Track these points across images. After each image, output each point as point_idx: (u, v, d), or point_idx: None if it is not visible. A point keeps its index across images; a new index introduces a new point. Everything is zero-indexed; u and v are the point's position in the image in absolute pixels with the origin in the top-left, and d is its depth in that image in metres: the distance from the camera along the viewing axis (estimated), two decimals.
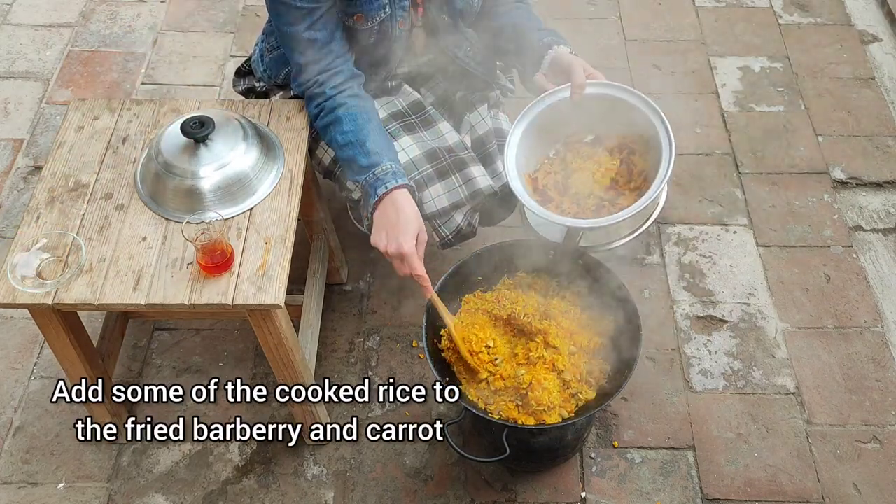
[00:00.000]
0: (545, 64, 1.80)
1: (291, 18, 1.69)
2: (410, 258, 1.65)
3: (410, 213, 1.67)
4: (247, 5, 3.10)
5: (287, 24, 1.71)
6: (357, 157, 1.72)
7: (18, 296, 1.54)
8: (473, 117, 1.96)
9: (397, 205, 1.67)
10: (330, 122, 1.75)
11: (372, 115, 1.78)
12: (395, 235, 1.65)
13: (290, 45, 1.75)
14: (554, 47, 1.79)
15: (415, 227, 1.67)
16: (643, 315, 1.73)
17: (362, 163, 1.71)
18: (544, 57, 1.79)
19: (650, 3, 3.09)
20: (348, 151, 1.73)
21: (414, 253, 1.66)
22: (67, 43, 2.95)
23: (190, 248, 1.59)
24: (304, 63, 1.75)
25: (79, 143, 1.79)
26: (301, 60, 1.75)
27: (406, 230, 1.65)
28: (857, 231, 2.40)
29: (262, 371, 2.13)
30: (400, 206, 1.67)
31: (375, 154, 1.71)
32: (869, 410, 2.04)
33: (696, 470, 1.95)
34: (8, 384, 2.11)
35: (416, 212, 1.69)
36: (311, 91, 1.77)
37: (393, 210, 1.67)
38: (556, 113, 1.79)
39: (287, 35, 1.73)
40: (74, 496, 1.93)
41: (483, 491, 1.92)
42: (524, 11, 1.92)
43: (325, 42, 1.73)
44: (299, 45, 1.73)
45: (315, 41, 1.72)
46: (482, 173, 1.84)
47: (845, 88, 2.77)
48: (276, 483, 1.94)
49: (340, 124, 1.74)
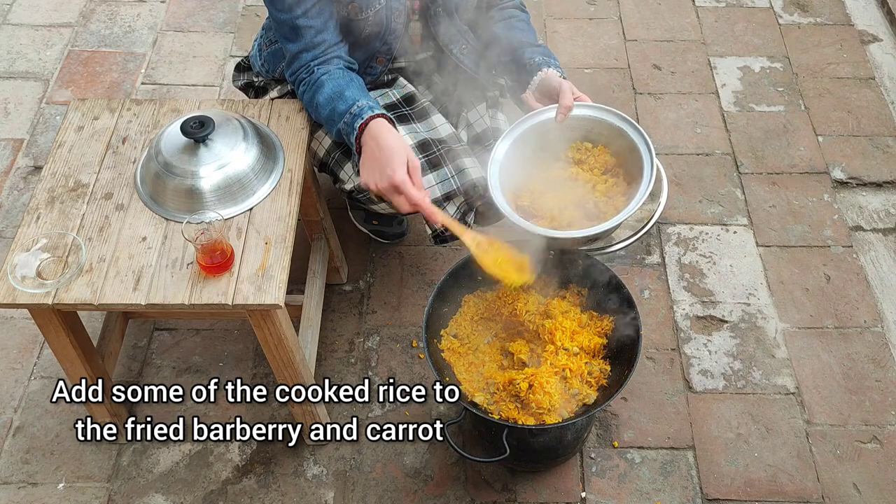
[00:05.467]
0: (534, 84, 1.79)
1: (286, 5, 1.69)
2: (404, 186, 1.57)
3: (393, 142, 1.60)
4: (247, 5, 3.10)
5: (281, 10, 1.70)
6: (336, 106, 1.69)
7: (18, 296, 1.54)
8: (472, 115, 1.97)
9: (377, 138, 1.61)
10: (314, 90, 1.73)
11: (354, 77, 1.76)
12: (382, 169, 1.59)
13: (284, 33, 1.74)
14: (544, 69, 1.78)
15: (401, 156, 1.59)
16: (643, 315, 1.73)
17: (340, 108, 1.68)
18: (533, 77, 1.79)
19: (650, 3, 3.09)
20: (328, 107, 1.70)
21: (406, 180, 1.57)
22: (67, 43, 2.95)
23: (190, 248, 1.59)
24: (297, 51, 1.74)
25: (79, 143, 1.79)
26: (294, 49, 1.74)
27: (391, 160, 1.58)
28: (857, 231, 2.40)
29: (262, 371, 2.13)
30: (381, 138, 1.61)
31: (351, 98, 1.68)
32: (869, 410, 2.04)
33: (696, 470, 1.95)
34: (8, 384, 2.11)
35: (398, 139, 1.62)
36: (300, 76, 1.77)
37: (374, 144, 1.61)
38: (542, 132, 1.78)
39: (281, 22, 1.72)
40: (74, 496, 1.93)
41: (483, 491, 1.92)
42: (521, 22, 1.91)
43: (319, 30, 1.72)
44: (293, 32, 1.72)
45: (310, 28, 1.71)
46: (474, 164, 1.83)
47: (845, 88, 2.77)
48: (276, 483, 1.94)
49: (322, 87, 1.72)
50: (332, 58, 1.75)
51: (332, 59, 1.75)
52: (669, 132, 2.66)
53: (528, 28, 1.92)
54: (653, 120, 2.69)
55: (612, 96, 2.76)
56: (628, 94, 2.77)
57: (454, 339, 1.82)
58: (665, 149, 2.60)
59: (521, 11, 1.94)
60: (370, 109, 1.66)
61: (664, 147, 2.61)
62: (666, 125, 2.68)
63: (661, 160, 1.78)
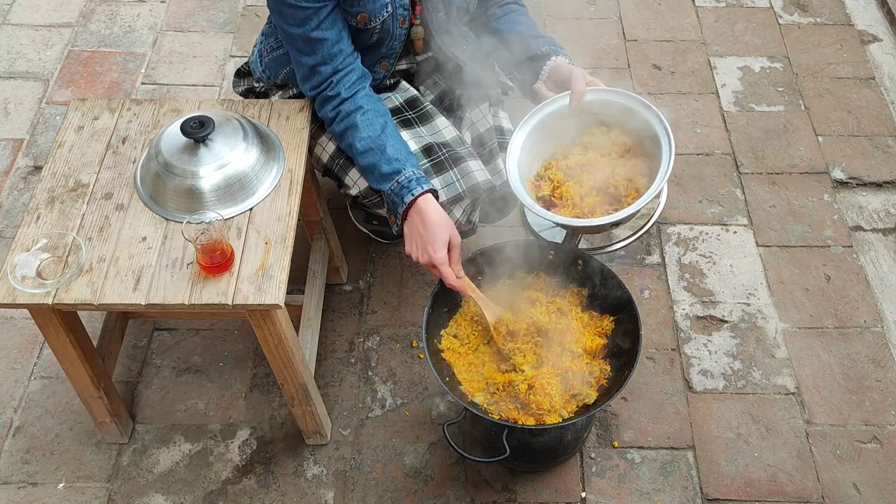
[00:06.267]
0: (544, 74, 1.81)
1: (298, 19, 1.67)
2: (442, 268, 1.67)
3: (438, 221, 1.67)
4: (247, 5, 3.09)
5: (294, 25, 1.68)
6: (379, 165, 1.72)
7: (18, 296, 1.54)
8: (474, 115, 1.97)
9: (423, 214, 1.67)
10: (347, 126, 1.75)
11: (387, 118, 1.78)
12: (424, 246, 1.67)
13: (298, 47, 1.72)
14: (553, 57, 1.80)
15: (444, 236, 1.67)
16: (643, 315, 1.74)
17: (385, 170, 1.71)
18: (543, 67, 1.81)
19: (650, 3, 3.09)
20: (369, 158, 1.73)
21: (445, 262, 1.67)
22: (67, 43, 2.95)
23: (190, 248, 1.59)
24: (314, 64, 1.73)
25: (79, 143, 1.79)
26: (311, 62, 1.73)
27: (435, 240, 1.66)
28: (857, 231, 2.40)
29: (262, 371, 2.13)
30: (427, 215, 1.67)
31: (396, 161, 1.71)
32: (869, 410, 2.04)
33: (696, 470, 1.95)
34: (8, 384, 2.11)
35: (443, 218, 1.69)
36: (325, 94, 1.75)
37: (420, 220, 1.68)
38: (556, 119, 1.79)
39: (294, 37, 1.71)
40: (74, 496, 1.93)
41: (483, 491, 1.92)
42: (521, 16, 1.92)
43: (336, 41, 1.71)
44: (307, 45, 1.70)
45: (325, 41, 1.70)
46: (479, 167, 1.84)
47: (845, 88, 2.77)
48: (276, 483, 1.94)
49: (358, 130, 1.73)
50: (350, 70, 1.75)
51: (350, 70, 1.75)
52: None
53: (528, 21, 1.92)
54: None
55: None
56: None
57: (454, 339, 1.82)
58: None
59: (519, 6, 1.95)
60: (418, 184, 1.69)
61: None
62: None
63: None
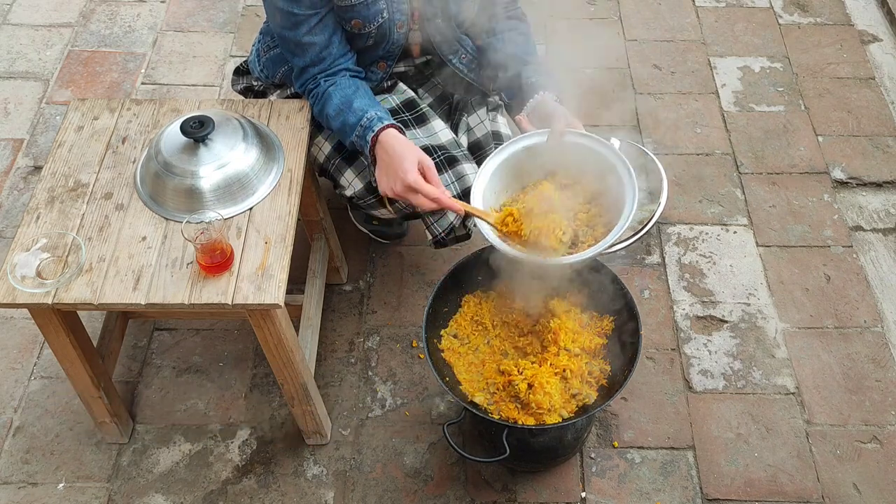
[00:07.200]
0: (528, 108, 1.77)
1: (290, 23, 1.71)
2: (418, 185, 1.61)
3: (402, 148, 1.65)
4: (247, 5, 3.10)
5: (286, 28, 1.72)
6: (347, 118, 1.72)
7: (18, 296, 1.54)
8: (472, 119, 1.96)
9: (387, 146, 1.66)
10: (323, 102, 1.77)
11: (360, 84, 1.79)
12: (395, 174, 1.63)
13: (290, 49, 1.77)
14: (540, 92, 1.76)
15: (411, 159, 1.63)
16: (643, 315, 1.73)
17: (351, 120, 1.71)
18: (528, 100, 1.77)
19: (650, 3, 3.09)
20: (339, 119, 1.74)
21: (420, 180, 1.61)
22: (67, 43, 2.95)
23: (190, 247, 1.59)
24: (304, 66, 1.78)
25: (79, 143, 1.79)
26: (300, 63, 1.78)
27: (402, 164, 1.63)
28: (857, 231, 2.40)
29: (262, 371, 2.13)
30: (390, 147, 1.65)
31: (361, 109, 1.71)
32: (869, 410, 2.04)
33: (696, 470, 1.95)
34: (8, 384, 2.11)
35: (408, 144, 1.66)
36: (309, 87, 1.80)
37: (384, 153, 1.66)
38: (530, 155, 1.74)
39: (286, 39, 1.75)
40: (74, 496, 1.93)
41: (483, 491, 1.92)
42: (520, 35, 1.88)
43: (324, 45, 1.75)
44: (298, 48, 1.75)
45: (314, 45, 1.74)
46: (474, 170, 1.83)
47: (845, 88, 2.77)
48: (276, 483, 1.94)
49: (331, 99, 1.75)
50: (339, 70, 1.78)
51: (338, 70, 1.78)
52: (669, 132, 2.66)
53: (526, 42, 1.88)
54: (653, 120, 2.69)
55: (612, 96, 2.76)
56: (628, 94, 2.77)
57: (454, 339, 1.82)
58: (665, 149, 2.60)
59: (520, 22, 1.91)
60: (379, 121, 1.68)
61: (664, 147, 2.61)
62: (666, 125, 2.68)
63: (660, 160, 1.77)
